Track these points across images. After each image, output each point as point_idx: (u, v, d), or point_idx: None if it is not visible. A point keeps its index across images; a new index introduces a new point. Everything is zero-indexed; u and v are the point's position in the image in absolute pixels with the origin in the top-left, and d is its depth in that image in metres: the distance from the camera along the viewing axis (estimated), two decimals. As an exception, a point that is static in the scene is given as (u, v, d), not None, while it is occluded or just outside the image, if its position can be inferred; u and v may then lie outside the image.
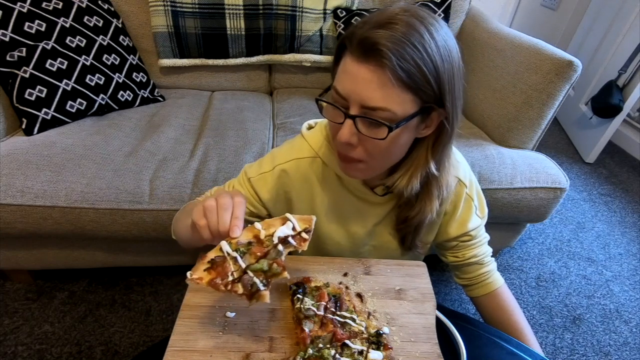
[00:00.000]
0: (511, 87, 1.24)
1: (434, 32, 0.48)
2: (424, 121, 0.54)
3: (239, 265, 0.49)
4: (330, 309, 0.54)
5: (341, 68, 0.52)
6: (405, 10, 0.49)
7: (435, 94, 0.50)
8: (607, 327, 1.32)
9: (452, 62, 0.51)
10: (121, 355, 1.11)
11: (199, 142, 1.17)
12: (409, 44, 0.46)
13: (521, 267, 1.53)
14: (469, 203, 0.71)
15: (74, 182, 0.99)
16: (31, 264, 1.19)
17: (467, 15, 1.56)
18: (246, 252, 0.50)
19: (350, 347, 0.50)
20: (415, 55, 0.47)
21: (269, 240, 0.52)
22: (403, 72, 0.47)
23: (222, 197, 0.51)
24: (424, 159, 0.58)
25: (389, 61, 0.46)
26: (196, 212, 0.52)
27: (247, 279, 0.48)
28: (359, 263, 0.66)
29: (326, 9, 1.45)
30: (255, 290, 0.48)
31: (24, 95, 1.08)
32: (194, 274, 0.48)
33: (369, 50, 0.47)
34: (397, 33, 0.46)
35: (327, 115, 0.56)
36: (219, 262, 0.49)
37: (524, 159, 1.22)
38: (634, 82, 1.94)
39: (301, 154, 0.68)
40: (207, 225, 0.50)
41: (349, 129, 0.51)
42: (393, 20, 0.48)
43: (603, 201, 1.92)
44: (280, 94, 1.56)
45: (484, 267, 0.74)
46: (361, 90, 0.49)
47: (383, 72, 0.47)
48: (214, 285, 0.48)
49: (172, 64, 1.44)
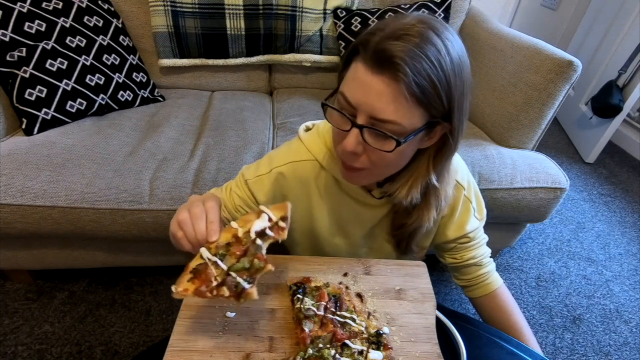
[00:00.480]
0: (511, 87, 1.24)
1: (450, 48, 0.47)
2: (428, 134, 0.53)
3: (221, 268, 0.49)
4: (330, 309, 0.54)
5: (351, 74, 0.50)
6: (421, 21, 0.48)
7: (445, 109, 0.49)
8: (607, 327, 1.32)
9: (464, 79, 0.50)
10: (121, 355, 1.11)
11: (199, 142, 1.17)
12: (426, 59, 0.45)
13: (521, 267, 1.53)
14: (467, 205, 0.71)
15: (74, 182, 0.99)
16: (31, 264, 1.19)
17: (467, 15, 1.56)
18: (226, 254, 0.51)
19: (350, 347, 0.50)
20: (431, 71, 0.46)
21: (246, 237, 0.52)
22: (418, 87, 0.46)
23: (193, 206, 0.53)
24: (425, 169, 0.58)
25: (405, 76, 0.45)
26: (173, 225, 0.53)
27: (230, 280, 0.49)
28: (359, 263, 0.66)
29: (326, 9, 1.45)
30: (241, 290, 0.48)
31: (24, 95, 1.08)
32: (179, 286, 0.49)
33: (385, 62, 0.45)
34: (414, 46, 0.45)
35: (332, 121, 0.54)
36: (201, 269, 0.50)
37: (524, 159, 1.22)
38: (634, 82, 1.94)
39: (298, 156, 0.68)
40: (185, 236, 0.52)
41: (356, 138, 0.50)
42: (410, 31, 0.46)
43: (603, 201, 1.92)
44: (280, 94, 1.56)
45: (482, 268, 0.74)
46: (373, 102, 0.47)
47: (397, 86, 0.46)
48: (199, 293, 0.48)
49: (172, 64, 1.44)
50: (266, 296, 0.59)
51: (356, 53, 0.50)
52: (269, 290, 0.60)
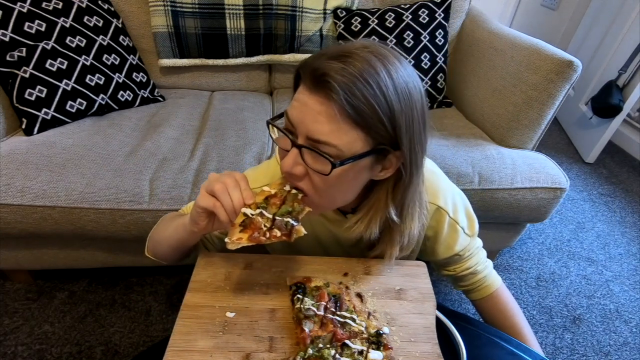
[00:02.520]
0: (511, 87, 1.24)
1: (393, 72, 0.46)
2: (379, 162, 0.52)
3: (267, 217, 0.51)
4: (330, 309, 0.54)
5: (295, 96, 0.51)
6: (365, 46, 0.47)
7: (390, 135, 0.48)
8: (607, 327, 1.32)
9: (413, 105, 0.48)
10: (121, 355, 1.11)
11: (199, 142, 1.17)
12: (361, 80, 0.44)
13: (521, 267, 1.53)
14: (454, 227, 0.69)
15: (74, 182, 0.99)
16: (31, 264, 1.19)
17: (467, 15, 1.56)
18: (267, 207, 0.53)
19: (350, 347, 0.50)
20: (367, 92, 0.44)
21: (281, 192, 0.54)
22: (351, 108, 0.44)
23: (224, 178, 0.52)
24: (384, 202, 0.56)
25: (336, 94, 0.44)
26: (203, 199, 0.52)
27: (279, 221, 0.51)
28: (359, 263, 0.66)
29: (326, 9, 1.45)
30: (291, 227, 0.51)
31: (24, 95, 1.08)
32: (232, 237, 0.50)
33: (319, 81, 0.45)
34: (350, 67, 0.44)
35: (277, 142, 0.54)
36: (249, 222, 0.51)
37: (524, 159, 1.22)
38: (634, 82, 1.94)
39: (275, 177, 0.68)
40: (222, 205, 0.51)
41: (294, 158, 0.50)
42: (349, 54, 0.46)
43: (603, 201, 1.92)
44: (280, 94, 1.56)
45: (478, 274, 0.74)
46: (309, 122, 0.47)
47: (330, 106, 0.45)
48: (254, 239, 0.50)
49: (172, 64, 1.44)
50: (266, 296, 0.59)
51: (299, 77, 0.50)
52: (269, 290, 0.60)
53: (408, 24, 1.42)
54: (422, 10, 1.44)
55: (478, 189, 1.14)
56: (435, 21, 1.44)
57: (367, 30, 1.42)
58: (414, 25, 1.42)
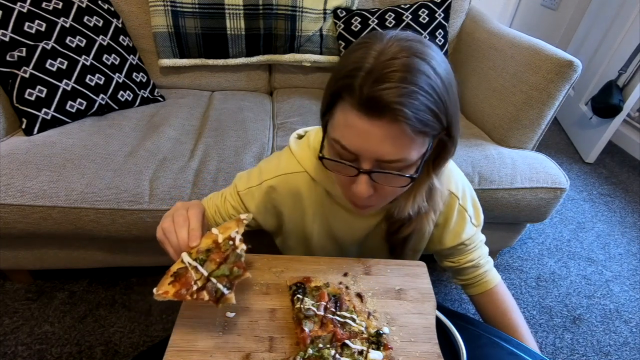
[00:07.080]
0: (511, 87, 1.24)
1: (437, 67, 0.46)
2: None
3: (201, 273, 0.51)
4: (330, 309, 0.54)
5: (341, 121, 0.48)
6: (401, 49, 0.45)
7: (444, 126, 0.49)
8: (607, 327, 1.32)
9: (454, 88, 0.49)
10: (121, 355, 1.11)
11: (199, 142, 1.17)
12: (420, 92, 0.43)
13: (521, 267, 1.53)
14: (463, 214, 0.71)
15: (74, 182, 0.99)
16: (31, 264, 1.19)
17: (467, 15, 1.56)
18: (206, 260, 0.52)
19: (350, 347, 0.50)
20: (427, 100, 0.44)
21: (226, 244, 0.53)
22: (419, 122, 0.44)
23: (176, 214, 0.55)
24: (427, 175, 0.58)
25: (404, 117, 0.43)
26: (158, 232, 0.56)
27: (210, 285, 0.50)
28: (359, 263, 0.66)
29: (326, 9, 1.45)
30: (221, 295, 0.49)
31: (24, 95, 1.08)
32: (160, 289, 0.50)
33: (381, 108, 0.43)
34: (405, 83, 0.43)
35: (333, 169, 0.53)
36: (182, 273, 0.51)
37: (524, 159, 1.22)
38: (634, 82, 1.94)
39: (289, 169, 0.68)
40: (169, 243, 0.54)
41: (367, 183, 0.49)
42: (394, 67, 0.43)
43: (603, 201, 1.92)
44: (280, 94, 1.56)
45: (480, 268, 0.75)
46: (376, 147, 0.46)
47: (398, 127, 0.44)
48: (179, 296, 0.49)
49: (172, 64, 1.44)
50: (266, 296, 0.59)
51: (339, 97, 0.47)
52: (269, 290, 0.60)
53: (408, 24, 1.42)
54: (422, 10, 1.44)
55: (478, 189, 1.14)
56: (435, 21, 1.44)
57: (367, 30, 1.42)
58: (414, 25, 1.42)
